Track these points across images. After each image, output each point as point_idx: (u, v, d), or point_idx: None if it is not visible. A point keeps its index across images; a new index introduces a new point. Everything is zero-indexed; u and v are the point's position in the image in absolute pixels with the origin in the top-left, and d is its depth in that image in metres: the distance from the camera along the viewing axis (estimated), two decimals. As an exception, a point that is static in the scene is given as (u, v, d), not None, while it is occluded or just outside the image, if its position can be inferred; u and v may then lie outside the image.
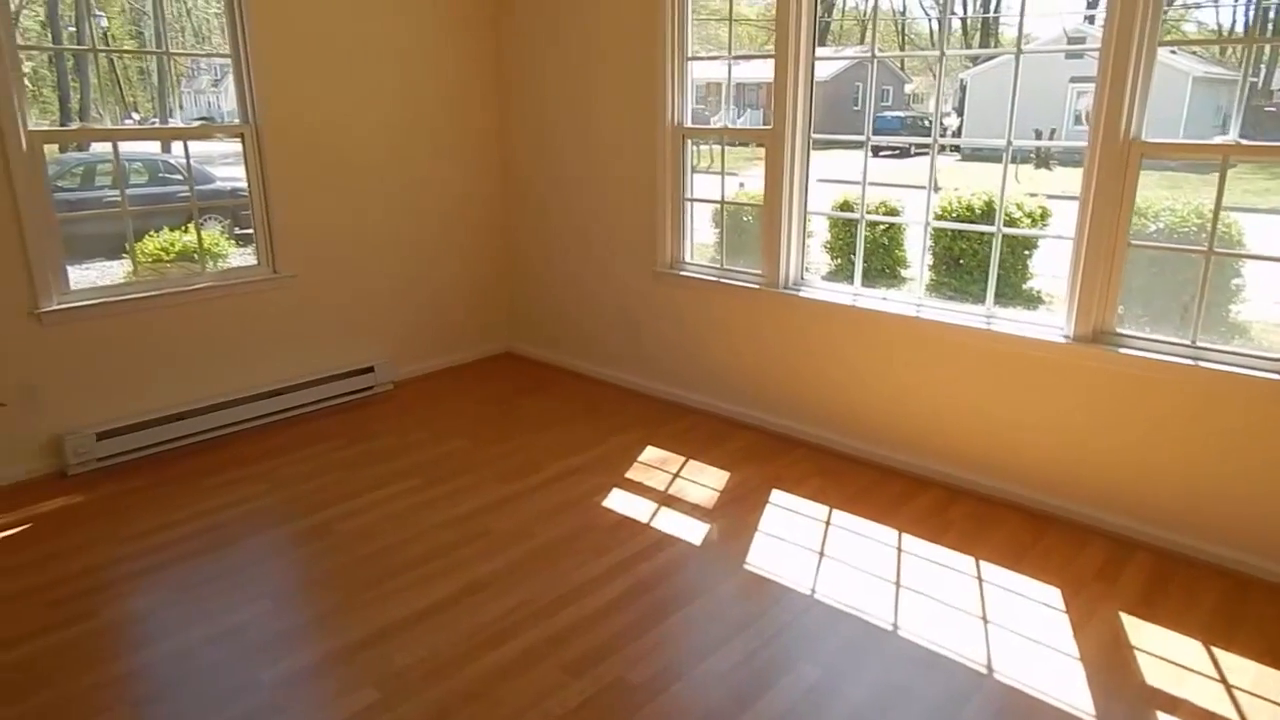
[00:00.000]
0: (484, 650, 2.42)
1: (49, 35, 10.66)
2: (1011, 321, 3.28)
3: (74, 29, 11.53)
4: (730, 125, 4.07)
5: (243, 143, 3.86)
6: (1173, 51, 12.90)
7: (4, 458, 3.39)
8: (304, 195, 4.07)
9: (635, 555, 2.93)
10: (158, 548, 2.97)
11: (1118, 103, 2.83)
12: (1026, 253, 7.18)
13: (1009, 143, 3.23)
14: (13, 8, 3.27)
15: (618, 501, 3.33)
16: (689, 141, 4.13)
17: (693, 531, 3.10)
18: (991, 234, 3.36)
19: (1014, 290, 7.30)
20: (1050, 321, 3.20)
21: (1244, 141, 2.76)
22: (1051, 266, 7.31)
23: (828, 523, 3.19)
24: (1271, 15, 2.99)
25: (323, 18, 3.97)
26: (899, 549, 3.00)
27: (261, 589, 2.74)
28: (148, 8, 11.10)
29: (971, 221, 6.91)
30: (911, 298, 3.57)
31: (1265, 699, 2.26)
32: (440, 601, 2.65)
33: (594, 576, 2.80)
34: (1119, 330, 3.02)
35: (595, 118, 4.37)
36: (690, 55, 4.01)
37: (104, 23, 11.90)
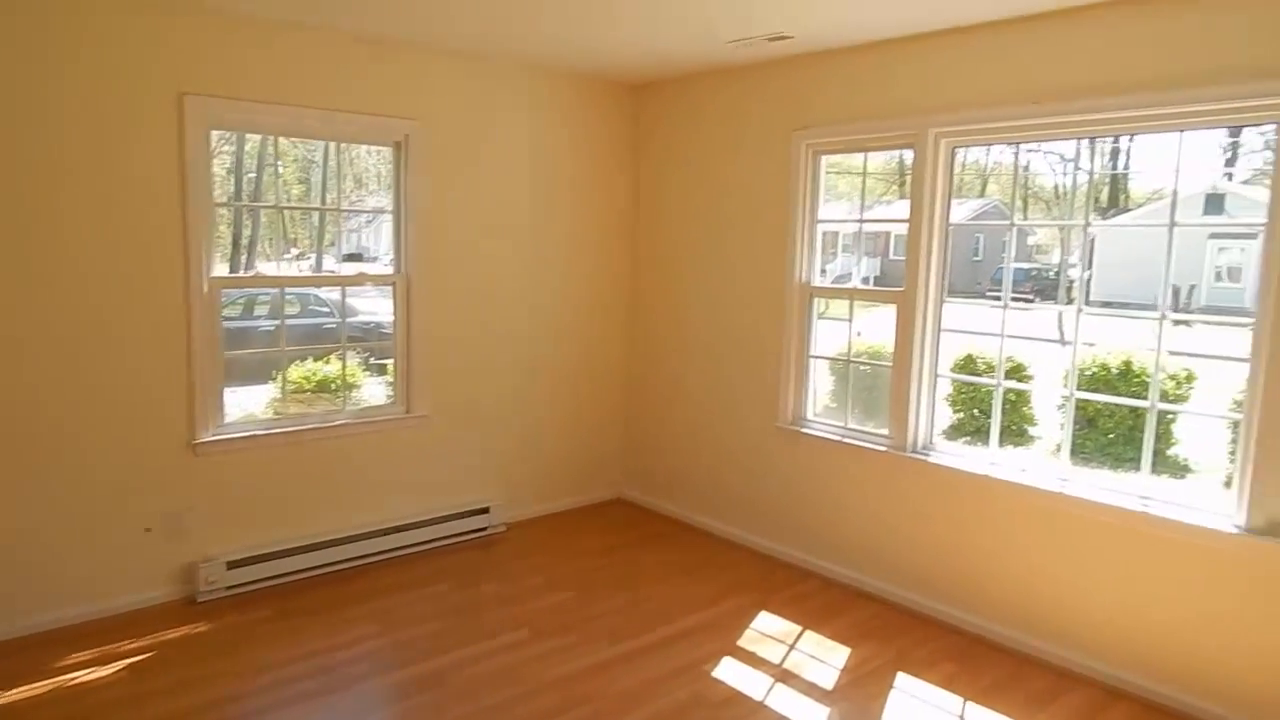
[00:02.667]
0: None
1: (232, 181, 12.04)
2: (1171, 504, 3.00)
3: (254, 174, 12.95)
4: (859, 286, 4.07)
5: (393, 291, 4.13)
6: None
7: (142, 581, 3.54)
8: (440, 341, 4.28)
9: (750, 739, 2.73)
10: (272, 686, 2.99)
11: (1287, 273, 2.66)
12: (1170, 417, 6.72)
13: (1162, 317, 3.07)
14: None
15: (730, 673, 3.15)
16: (815, 298, 4.14)
17: (811, 715, 2.88)
18: (1140, 406, 3.15)
19: (1158, 456, 6.79)
20: (1212, 505, 2.92)
21: None
22: (1196, 429, 6.79)
23: (961, 718, 2.90)
24: None
25: (475, 175, 4.29)
26: (1048, 758, 2.68)
27: (366, 741, 2.69)
28: (316, 157, 12.36)
29: (1105, 381, 6.55)
30: (1053, 468, 3.35)
31: None
32: (544, 774, 2.52)
33: (706, 760, 2.61)
34: (1301, 523, 2.72)
35: (724, 273, 4.46)
36: (820, 219, 4.08)
37: (280, 168, 13.31)
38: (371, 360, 8.72)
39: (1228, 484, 2.93)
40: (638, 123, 4.88)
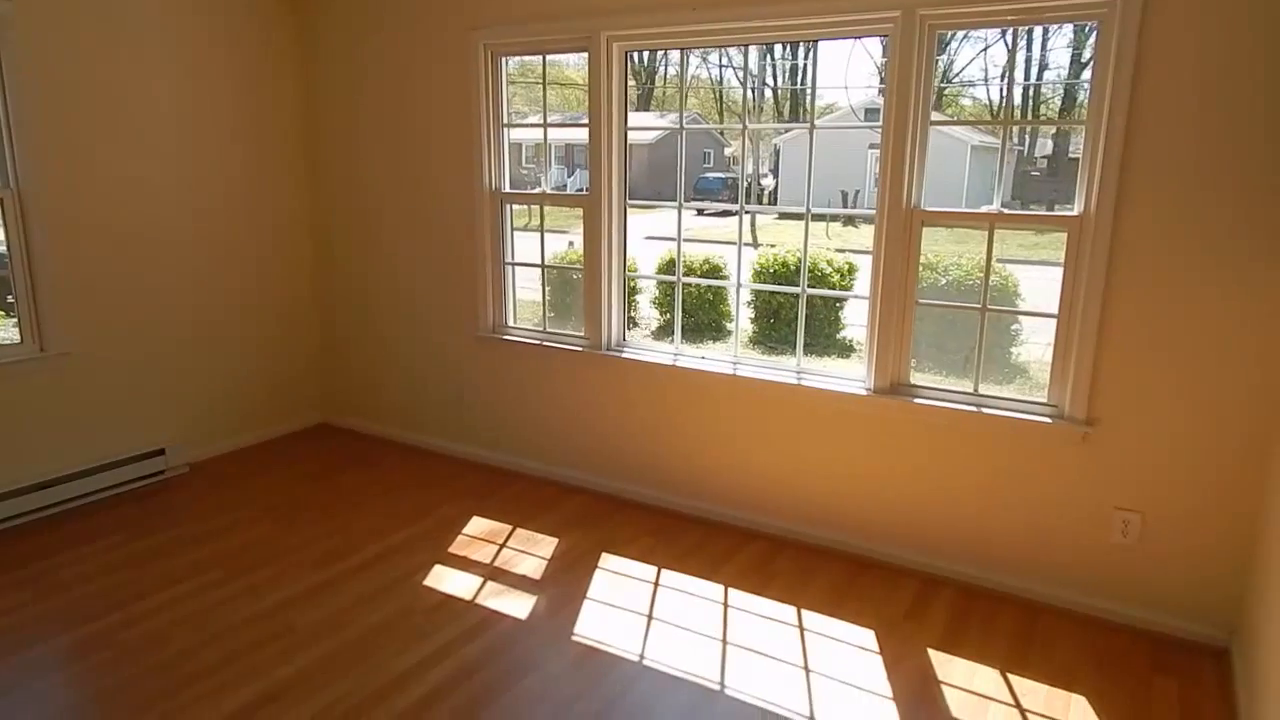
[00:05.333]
0: (287, 763, 2.20)
1: None
2: (820, 376, 3.45)
3: None
4: (549, 190, 4.09)
5: (0, 208, 3.46)
6: (952, 122, 14.43)
7: None
8: (81, 267, 3.69)
9: (459, 637, 2.79)
10: (-117, 681, 2.52)
11: (899, 175, 3.09)
12: (838, 305, 7.68)
13: (808, 210, 3.44)
14: None
15: (441, 579, 3.18)
16: (508, 205, 4.12)
17: (520, 605, 3.00)
18: (792, 292, 3.55)
19: (828, 340, 7.77)
20: (854, 375, 3.41)
21: (1005, 210, 3.07)
22: (861, 316, 7.87)
23: (656, 584, 3.18)
24: (1032, 95, 3.39)
25: (101, 79, 3.67)
26: (725, 604, 3.03)
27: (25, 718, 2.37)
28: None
29: (786, 276, 7.31)
30: (729, 355, 3.69)
31: (1054, 719, 2.44)
32: (238, 712, 2.39)
33: (414, 665, 2.63)
34: (913, 382, 3.26)
35: (413, 183, 4.28)
36: (506, 122, 4.03)
37: None
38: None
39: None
40: (309, 22, 4.43)
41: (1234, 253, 2.58)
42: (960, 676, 2.63)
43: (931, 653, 2.75)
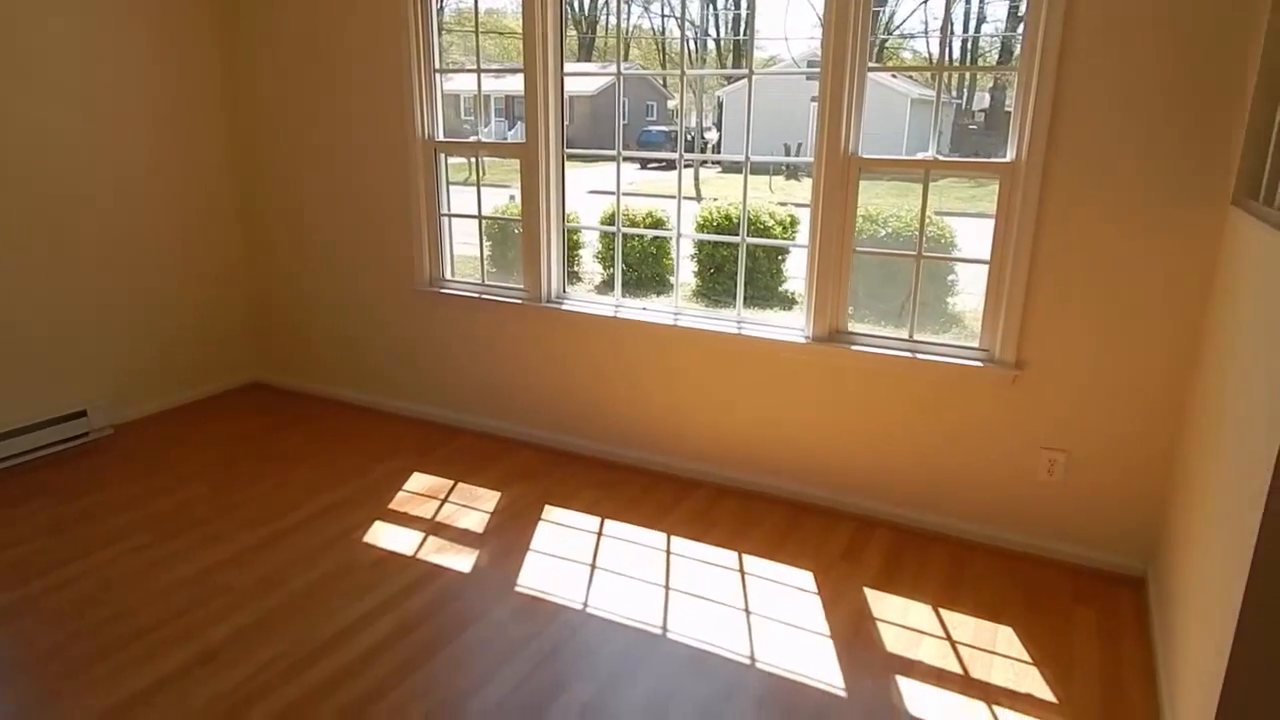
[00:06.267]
0: (232, 718, 2.17)
1: None
2: (760, 325, 3.47)
3: None
4: (484, 140, 3.99)
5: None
6: (894, 76, 14.49)
7: None
8: (-15, 217, 3.49)
9: (401, 591, 2.77)
10: None
11: (837, 121, 3.08)
12: (781, 258, 7.71)
13: (747, 158, 3.42)
14: None
15: (381, 536, 3.14)
16: (443, 156, 4.01)
17: (462, 559, 2.99)
18: (733, 241, 3.54)
19: (770, 293, 7.82)
20: (794, 324, 3.43)
21: (941, 157, 3.10)
22: (802, 270, 7.94)
23: (600, 534, 3.20)
24: (970, 47, 3.39)
25: (-2, 12, 3.43)
26: (668, 552, 3.06)
27: (-64, 690, 2.28)
28: None
29: (729, 230, 7.31)
30: (670, 307, 3.68)
31: (982, 649, 2.53)
32: (169, 674, 2.34)
33: (353, 621, 2.60)
34: (851, 329, 3.29)
35: (341, 134, 4.12)
36: (438, 68, 3.89)
37: None
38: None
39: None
40: (223, -47, 4.20)
41: (1145, 200, 2.65)
42: (895, 613, 2.71)
43: (867, 591, 2.83)
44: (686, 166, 3.53)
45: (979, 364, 3.02)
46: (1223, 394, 2.18)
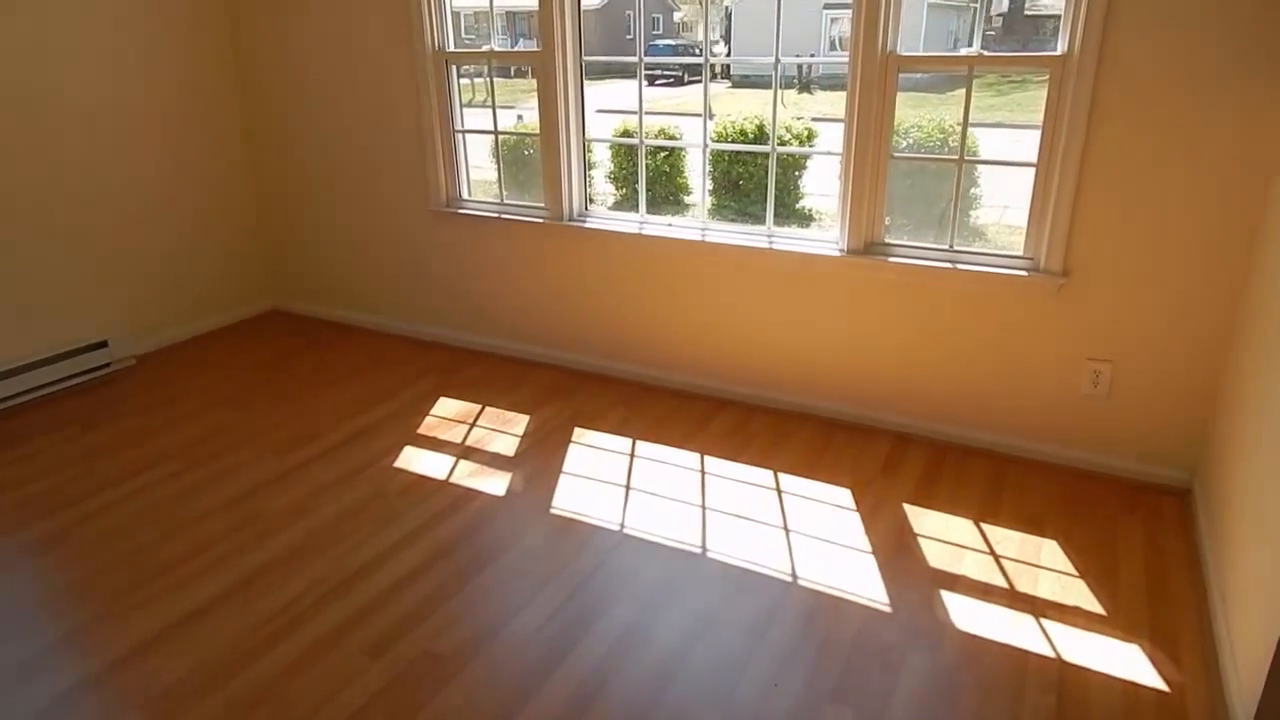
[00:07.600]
0: (264, 649, 2.15)
1: None
2: (791, 239, 3.34)
3: None
4: (497, 49, 3.79)
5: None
6: (911, -21, 13.88)
7: None
8: (-15, 142, 3.36)
9: (434, 517, 2.74)
10: None
11: (875, 17, 2.89)
12: (797, 174, 7.48)
13: (777, 59, 3.23)
14: None
15: (411, 461, 3.11)
16: (455, 69, 3.82)
17: (494, 483, 2.96)
18: (766, 154, 3.39)
19: (789, 210, 7.62)
20: (825, 237, 3.30)
21: (985, 53, 2.91)
22: (819, 185, 7.71)
23: (632, 454, 3.15)
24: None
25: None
26: (702, 471, 3.02)
27: (-21, 619, 2.28)
28: None
29: (745, 145, 7.07)
30: (696, 222, 3.55)
31: (1027, 563, 2.50)
32: (207, 603, 2.33)
33: (387, 547, 2.58)
34: (887, 240, 3.17)
35: (350, 49, 3.93)
36: (446, -29, 3.68)
37: None
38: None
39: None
40: None
41: (1217, 86, 2.48)
42: (935, 528, 2.67)
43: (906, 507, 2.79)
44: (697, 82, 3.35)
45: (1023, 273, 2.90)
46: (1294, 296, 2.07)
